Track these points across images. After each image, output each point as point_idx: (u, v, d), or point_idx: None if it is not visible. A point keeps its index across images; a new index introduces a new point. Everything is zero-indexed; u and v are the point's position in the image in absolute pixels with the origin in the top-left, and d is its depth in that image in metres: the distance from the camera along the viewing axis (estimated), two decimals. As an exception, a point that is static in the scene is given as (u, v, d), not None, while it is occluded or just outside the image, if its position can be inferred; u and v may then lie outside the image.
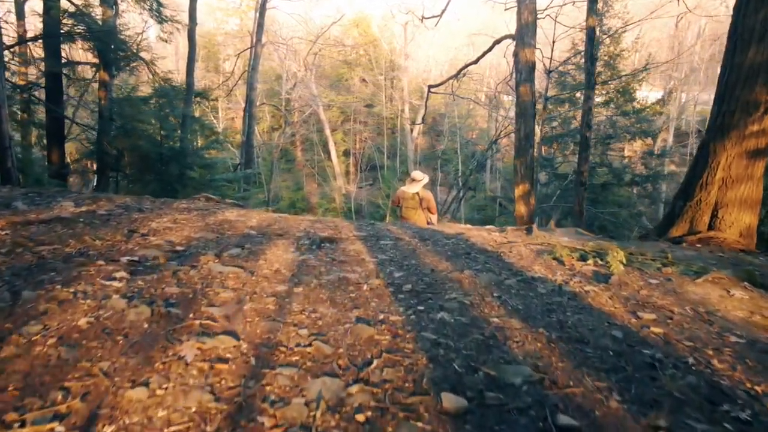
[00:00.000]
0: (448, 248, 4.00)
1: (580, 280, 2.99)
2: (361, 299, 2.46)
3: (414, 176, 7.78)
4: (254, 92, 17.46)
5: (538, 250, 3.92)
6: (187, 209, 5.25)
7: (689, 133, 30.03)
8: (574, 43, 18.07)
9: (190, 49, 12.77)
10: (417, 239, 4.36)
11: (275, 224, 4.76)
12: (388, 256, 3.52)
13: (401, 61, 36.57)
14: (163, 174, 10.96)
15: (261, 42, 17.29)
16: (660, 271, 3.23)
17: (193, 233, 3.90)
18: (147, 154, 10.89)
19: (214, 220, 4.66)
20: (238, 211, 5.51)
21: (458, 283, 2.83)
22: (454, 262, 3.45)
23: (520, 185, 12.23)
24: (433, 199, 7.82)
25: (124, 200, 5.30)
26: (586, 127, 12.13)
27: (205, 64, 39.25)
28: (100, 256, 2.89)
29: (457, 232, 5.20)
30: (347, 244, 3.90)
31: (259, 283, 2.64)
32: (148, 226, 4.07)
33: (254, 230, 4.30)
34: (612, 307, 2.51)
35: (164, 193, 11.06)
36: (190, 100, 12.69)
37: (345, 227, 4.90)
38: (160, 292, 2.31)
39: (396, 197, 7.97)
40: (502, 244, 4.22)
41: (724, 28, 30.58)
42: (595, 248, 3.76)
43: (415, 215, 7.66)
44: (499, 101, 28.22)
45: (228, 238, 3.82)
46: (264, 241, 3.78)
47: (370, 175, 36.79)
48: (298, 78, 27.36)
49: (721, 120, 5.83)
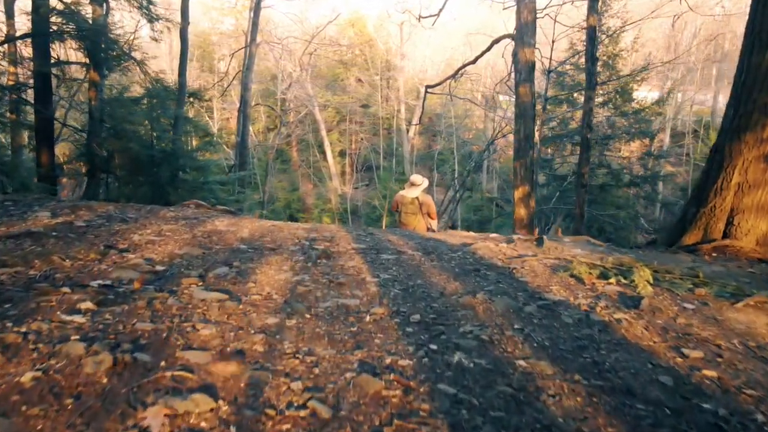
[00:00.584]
0: (455, 263, 3.66)
1: (607, 305, 2.66)
2: (363, 335, 2.12)
3: (413, 180, 7.44)
4: (249, 92, 17.09)
5: (553, 266, 3.59)
6: (174, 218, 4.90)
7: (685, 133, 29.82)
8: (572, 43, 17.76)
9: (182, 48, 12.39)
10: (420, 252, 4.02)
11: (268, 235, 4.41)
12: (390, 275, 3.18)
13: (397, 61, 36.21)
14: (154, 176, 10.60)
15: (255, 42, 16.91)
16: (692, 293, 2.90)
17: (177, 248, 3.55)
18: (138, 157, 10.52)
19: (202, 231, 4.31)
20: (228, 220, 5.16)
21: (472, 311, 2.50)
22: (464, 282, 3.12)
23: (519, 187, 11.93)
24: (433, 203, 7.49)
25: (107, 209, 4.95)
26: (586, 128, 11.81)
27: (200, 64, 38.78)
28: (66, 281, 2.54)
29: (461, 242, 4.86)
30: (345, 259, 3.56)
31: (247, 313, 2.29)
32: (129, 239, 3.72)
33: (245, 243, 3.95)
34: (650, 342, 2.18)
35: (156, 196, 10.73)
36: (182, 101, 12.31)
37: (342, 238, 4.56)
38: (129, 330, 1.96)
39: (394, 202, 7.63)
40: (513, 258, 3.89)
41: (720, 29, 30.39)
42: (615, 264, 3.43)
43: (415, 221, 7.33)
44: (496, 101, 27.93)
45: (215, 254, 3.47)
46: (255, 257, 3.43)
47: (366, 176, 36.42)
48: (293, 78, 26.96)
49: (737, 122, 5.51)
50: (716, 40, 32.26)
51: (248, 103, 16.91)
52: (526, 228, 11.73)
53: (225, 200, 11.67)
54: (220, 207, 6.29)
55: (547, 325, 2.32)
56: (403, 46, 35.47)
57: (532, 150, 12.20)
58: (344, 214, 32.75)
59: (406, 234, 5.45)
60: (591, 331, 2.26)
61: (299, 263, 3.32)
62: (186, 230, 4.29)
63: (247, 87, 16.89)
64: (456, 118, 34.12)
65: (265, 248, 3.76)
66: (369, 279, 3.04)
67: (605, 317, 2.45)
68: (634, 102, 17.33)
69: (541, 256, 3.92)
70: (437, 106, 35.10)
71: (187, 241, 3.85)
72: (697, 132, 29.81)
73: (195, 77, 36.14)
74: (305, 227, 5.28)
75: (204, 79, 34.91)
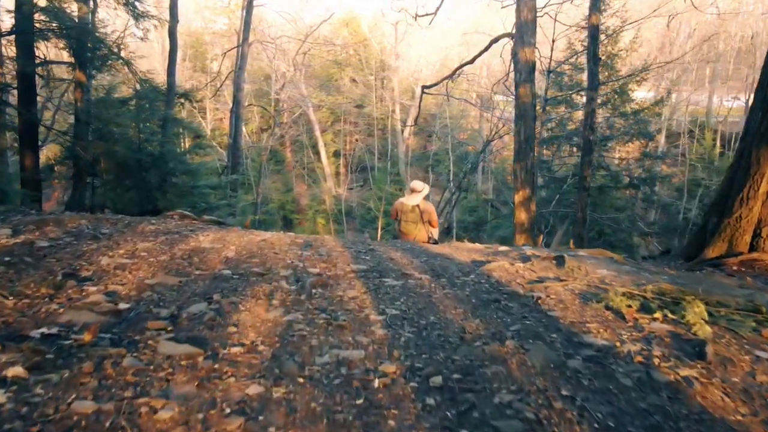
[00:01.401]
0: (470, 290, 3.17)
1: (664, 354, 2.17)
2: (372, 412, 1.61)
3: (413, 186, 6.94)
4: (241, 93, 16.55)
5: (582, 293, 3.10)
6: (153, 233, 4.38)
7: (681, 133, 29.49)
8: (570, 42, 17.30)
9: (171, 47, 11.85)
10: (429, 275, 3.52)
11: (257, 254, 3.90)
12: (398, 309, 2.68)
13: (392, 61, 35.70)
14: (142, 181, 10.05)
15: (248, 41, 16.37)
16: (759, 334, 2.43)
17: (150, 275, 3.04)
18: (124, 160, 9.97)
19: (182, 251, 3.80)
20: (214, 234, 4.64)
21: (503, 366, 2.00)
22: (484, 318, 2.62)
23: (520, 191, 11.46)
24: (434, 211, 6.99)
25: (79, 223, 4.42)
26: (588, 130, 11.37)
27: (193, 64, 38.09)
28: (1, 331, 2.02)
29: (471, 259, 4.37)
30: (344, 287, 3.06)
31: (224, 377, 1.79)
32: (96, 263, 3.20)
33: (230, 266, 3.44)
34: (738, 416, 1.70)
35: (143, 201, 10.22)
36: (171, 102, 11.76)
37: (339, 256, 4.06)
38: (62, 415, 1.46)
39: (394, 209, 7.13)
40: (533, 282, 3.40)
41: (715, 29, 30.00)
42: (656, 293, 2.94)
43: (416, 230, 6.83)
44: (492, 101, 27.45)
45: (194, 282, 2.96)
46: (239, 287, 2.92)
47: (361, 177, 35.91)
48: (287, 78, 26.40)
49: (766, 126, 5.03)
50: (710, 41, 31.95)
51: (241, 103, 16.37)
52: (528, 232, 11.28)
53: (216, 204, 11.15)
54: (206, 218, 5.78)
55: (601, 389, 1.83)
56: (398, 45, 34.96)
57: (533, 152, 11.74)
58: (339, 215, 32.24)
59: (408, 248, 4.96)
60: (659, 399, 1.76)
61: (291, 295, 2.81)
62: (164, 249, 3.78)
63: (239, 87, 16.35)
64: (451, 119, 33.67)
65: (252, 273, 3.25)
66: (374, 317, 2.53)
67: (669, 375, 1.96)
68: (634, 102, 16.88)
69: (566, 279, 3.43)
70: (432, 107, 34.61)
71: (164, 264, 3.33)
72: (692, 132, 29.50)
73: (188, 77, 35.46)
74: (298, 241, 4.77)
75: (197, 79, 34.17)
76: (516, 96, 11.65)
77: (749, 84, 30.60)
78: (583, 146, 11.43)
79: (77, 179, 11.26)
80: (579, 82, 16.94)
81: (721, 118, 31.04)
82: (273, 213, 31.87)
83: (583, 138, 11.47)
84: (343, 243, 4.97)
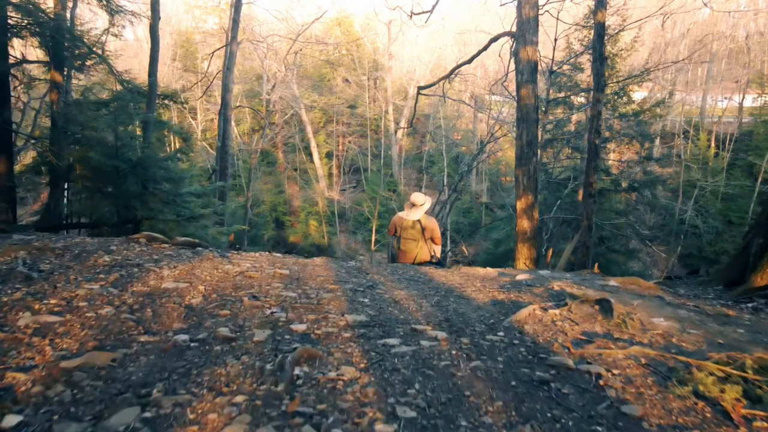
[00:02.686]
0: (503, 361, 2.36)
1: None
2: None
3: (414, 200, 6.14)
4: (230, 94, 15.67)
5: (653, 366, 2.31)
6: (106, 268, 3.55)
7: (675, 134, 28.86)
8: (569, 42, 16.54)
9: (152, 46, 10.94)
10: (445, 331, 2.72)
11: (228, 299, 3.08)
12: (413, 407, 1.87)
13: (385, 61, 34.84)
14: (119, 189, 9.19)
15: (236, 40, 15.49)
16: None
17: (76, 348, 2.21)
18: (99, 167, 9.09)
19: (136, 296, 2.97)
20: (183, 266, 3.82)
21: None
22: (535, 420, 1.82)
23: (522, 197, 10.69)
24: (438, 227, 6.19)
25: (16, 256, 3.58)
26: (594, 134, 10.60)
27: (183, 64, 37.07)
28: None
29: (490, 297, 3.58)
30: (338, 361, 2.25)
31: None
32: (11, 325, 2.38)
33: (190, 323, 2.62)
34: None
35: (121, 211, 9.38)
36: (153, 103, 10.87)
37: (332, 300, 3.25)
38: None
39: (392, 225, 6.33)
40: (581, 343, 2.61)
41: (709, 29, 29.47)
42: (760, 368, 2.15)
43: (417, 248, 6.03)
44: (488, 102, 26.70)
45: (134, 360, 2.13)
46: (195, 367, 2.09)
47: (354, 178, 35.06)
48: (278, 78, 25.49)
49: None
50: (703, 41, 31.37)
51: (229, 105, 15.49)
52: (530, 241, 10.52)
53: (201, 214, 10.25)
54: (180, 240, 4.93)
55: None
56: (391, 45, 34.10)
57: (536, 157, 11.00)
58: (331, 218, 31.40)
59: (412, 279, 4.16)
60: None
61: (265, 383, 1.99)
62: (112, 295, 2.95)
63: (227, 88, 15.46)
64: (445, 119, 32.91)
65: (218, 338, 2.43)
66: (381, 427, 1.72)
67: None
68: (634, 104, 16.16)
69: (619, 336, 2.65)
70: (426, 107, 33.81)
71: (103, 324, 2.51)
72: (687, 132, 28.90)
73: (177, 77, 34.51)
74: (284, 272, 3.97)
75: (187, 79, 33.14)
76: (517, 98, 10.90)
77: (742, 84, 30.11)
78: (589, 151, 10.66)
79: (53, 187, 10.43)
80: (578, 82, 16.22)
81: (716, 118, 30.47)
82: (265, 215, 30.98)
83: (589, 142, 10.70)
84: (335, 274, 4.16)
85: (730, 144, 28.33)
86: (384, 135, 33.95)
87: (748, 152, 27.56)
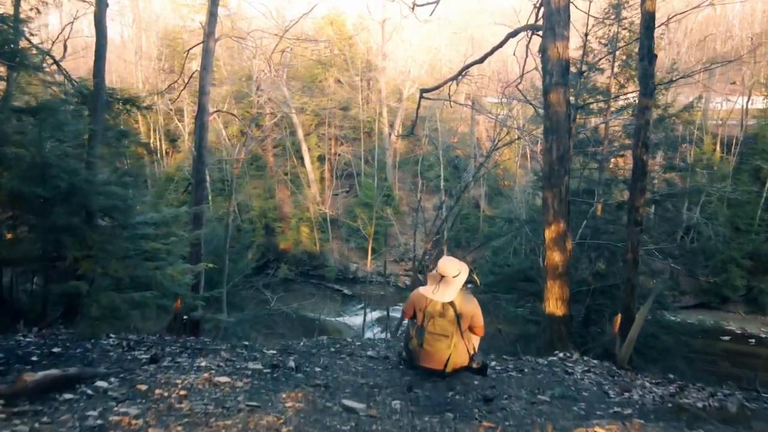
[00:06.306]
0: None
1: None
2: None
3: (443, 269, 3.78)
4: (206, 97, 13.13)
5: None
6: None
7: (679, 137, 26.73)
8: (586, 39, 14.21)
9: (98, 40, 8.43)
10: None
11: None
12: None
13: (378, 62, 32.42)
14: (44, 222, 6.80)
15: (214, 35, 13.00)
16: None
17: None
18: (19, 195, 6.70)
19: None
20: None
21: None
22: None
23: (552, 225, 8.34)
24: (480, 312, 3.85)
25: None
26: (641, 147, 8.33)
27: (170, 63, 34.49)
28: None
29: None
30: None
31: None
32: None
33: None
34: None
35: (48, 250, 7.03)
36: (99, 111, 8.38)
37: None
38: None
39: (410, 304, 3.95)
40: None
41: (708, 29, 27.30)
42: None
43: (448, 348, 3.65)
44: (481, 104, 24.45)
45: None
46: None
47: (347, 182, 32.67)
48: (263, 78, 22.99)
49: None
50: (706, 41, 29.35)
51: (206, 109, 12.98)
52: (562, 278, 8.20)
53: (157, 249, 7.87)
54: (38, 376, 2.60)
55: None
56: (385, 45, 31.67)
57: (568, 175, 8.70)
58: (324, 224, 29.04)
59: None
60: None
61: None
62: None
63: (204, 90, 12.95)
64: (442, 122, 30.61)
65: None
66: None
67: None
68: (660, 108, 13.94)
69: None
70: (422, 109, 31.45)
71: None
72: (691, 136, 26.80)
73: (163, 78, 32.01)
74: None
75: (173, 79, 30.51)
76: (545, 104, 8.57)
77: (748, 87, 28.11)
78: (635, 168, 8.38)
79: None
80: (597, 86, 14.03)
81: (720, 121, 28.42)
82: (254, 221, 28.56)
83: (635, 158, 8.41)
84: None
85: (735, 147, 26.27)
86: (378, 137, 31.57)
87: (754, 156, 25.57)
